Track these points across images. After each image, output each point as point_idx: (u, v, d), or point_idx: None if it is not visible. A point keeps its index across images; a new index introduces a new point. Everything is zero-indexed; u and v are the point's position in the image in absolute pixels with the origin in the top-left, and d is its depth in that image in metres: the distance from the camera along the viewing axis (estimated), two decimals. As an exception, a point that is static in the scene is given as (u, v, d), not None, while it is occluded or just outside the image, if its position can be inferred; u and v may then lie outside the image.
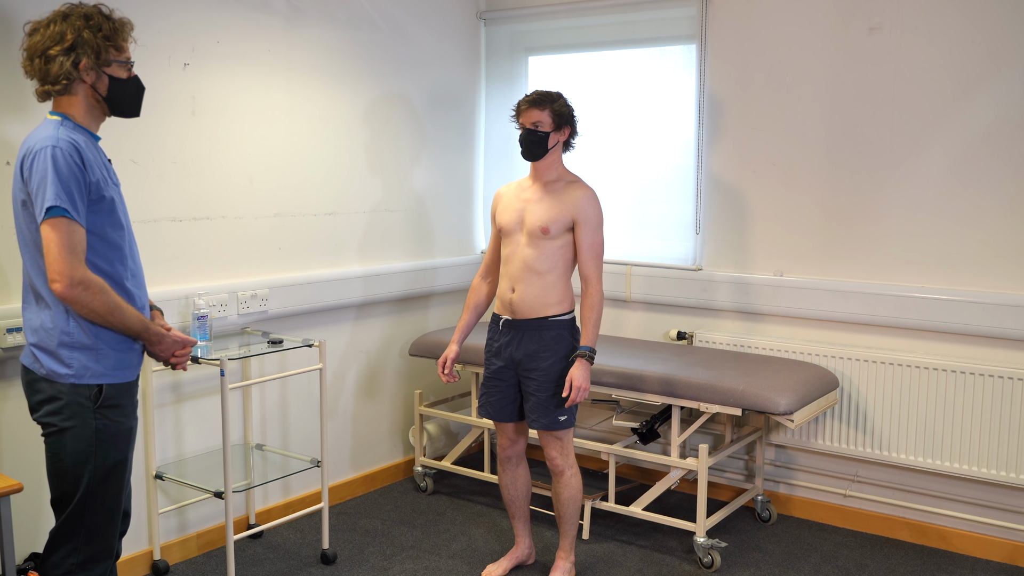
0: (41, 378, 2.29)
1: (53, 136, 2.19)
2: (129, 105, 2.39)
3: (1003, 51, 3.37)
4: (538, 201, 3.15)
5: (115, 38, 2.31)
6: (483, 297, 3.38)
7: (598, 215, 3.13)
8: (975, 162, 3.46)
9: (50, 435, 2.31)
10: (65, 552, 2.31)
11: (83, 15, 2.27)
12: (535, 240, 3.13)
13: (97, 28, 2.27)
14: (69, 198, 2.16)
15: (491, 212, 3.33)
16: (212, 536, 3.60)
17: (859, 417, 3.70)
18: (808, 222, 3.84)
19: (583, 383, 3.03)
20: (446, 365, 3.32)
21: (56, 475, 2.32)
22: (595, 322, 3.09)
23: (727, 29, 3.94)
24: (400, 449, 4.44)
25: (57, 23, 2.26)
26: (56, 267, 2.15)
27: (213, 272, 3.47)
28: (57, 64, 2.23)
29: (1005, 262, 3.44)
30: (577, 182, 3.17)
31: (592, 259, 3.12)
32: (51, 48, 2.23)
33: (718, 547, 3.47)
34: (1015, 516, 3.50)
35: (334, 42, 3.86)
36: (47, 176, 2.15)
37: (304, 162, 3.79)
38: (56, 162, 2.16)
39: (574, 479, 3.23)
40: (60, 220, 2.15)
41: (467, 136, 4.62)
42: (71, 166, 2.17)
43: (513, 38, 4.59)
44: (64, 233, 2.15)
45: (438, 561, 3.52)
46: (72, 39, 2.24)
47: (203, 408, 3.52)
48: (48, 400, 2.29)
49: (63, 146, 2.18)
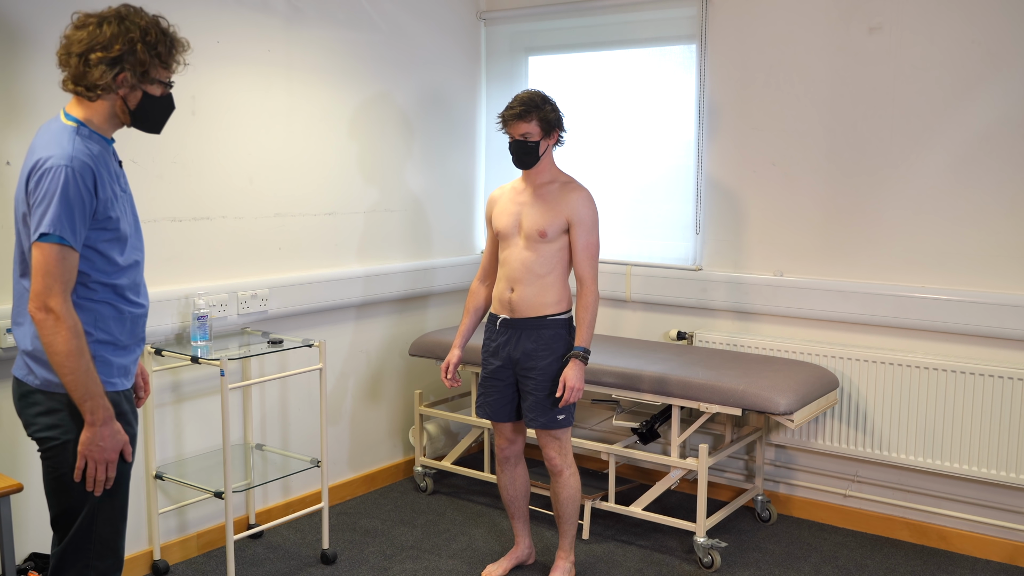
0: (35, 390, 2.17)
1: (68, 152, 2.06)
2: (154, 122, 2.26)
3: (1003, 51, 3.37)
4: (533, 204, 3.15)
5: (167, 57, 2.16)
6: (482, 300, 3.38)
7: (593, 216, 3.13)
8: (975, 162, 3.46)
9: (50, 450, 2.17)
10: (77, 571, 2.20)
11: (141, 27, 2.11)
12: (533, 243, 3.13)
13: (152, 45, 2.12)
14: (70, 225, 2.04)
15: (486, 216, 3.33)
16: (212, 536, 3.60)
17: (859, 417, 3.70)
18: (808, 222, 3.84)
19: (576, 383, 3.05)
20: (449, 370, 3.32)
21: (58, 491, 2.19)
22: (589, 323, 3.09)
23: (727, 29, 3.94)
24: (400, 449, 4.44)
25: (111, 24, 2.09)
26: (34, 288, 2.04)
27: (213, 272, 3.47)
28: (97, 72, 2.08)
29: (1005, 262, 3.44)
30: (571, 183, 3.17)
31: (587, 259, 3.12)
32: (95, 53, 2.08)
33: (718, 547, 3.47)
34: (1015, 516, 3.50)
35: (334, 42, 3.86)
36: (54, 198, 2.02)
37: (304, 162, 3.79)
38: (67, 186, 2.03)
39: (572, 479, 3.23)
40: (53, 247, 2.03)
41: (467, 136, 4.62)
42: (81, 190, 2.05)
43: (513, 38, 4.59)
44: (53, 260, 2.03)
45: (438, 561, 3.52)
46: (120, 51, 2.08)
47: (203, 408, 3.52)
48: (46, 413, 2.17)
49: (77, 166, 2.05)
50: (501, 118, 3.14)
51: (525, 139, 3.10)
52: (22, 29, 2.88)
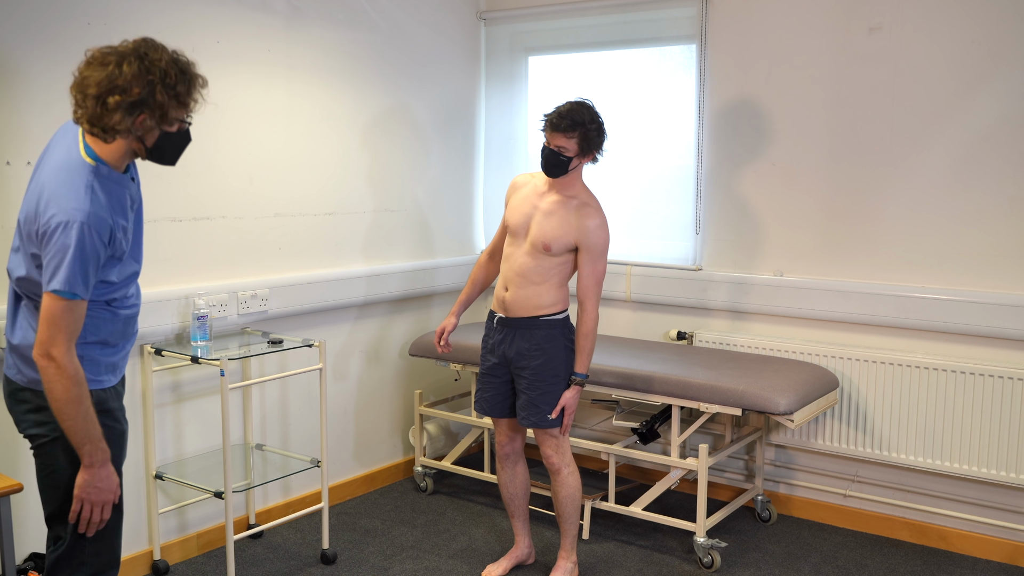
0: (24, 387, 2.18)
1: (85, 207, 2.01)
2: (170, 156, 2.19)
3: (1004, 51, 3.37)
4: (548, 214, 3.10)
5: (186, 97, 2.08)
6: (486, 275, 3.42)
7: (603, 244, 3.08)
8: (975, 162, 3.46)
9: (40, 447, 2.19)
10: (71, 570, 2.21)
11: (162, 68, 2.02)
12: (536, 252, 3.11)
13: (171, 87, 2.04)
14: (83, 280, 2.02)
15: (505, 197, 3.30)
16: (212, 536, 3.60)
17: (859, 417, 3.70)
18: (808, 222, 3.84)
19: (573, 407, 3.15)
20: (444, 335, 3.38)
21: (51, 487, 2.20)
22: (589, 350, 3.12)
23: (727, 29, 3.94)
24: (400, 449, 4.44)
25: (130, 65, 2.00)
26: (40, 335, 2.03)
27: (213, 272, 3.47)
28: (115, 117, 2.01)
29: (1005, 262, 3.44)
30: (590, 205, 3.09)
31: (592, 285, 3.09)
32: (113, 96, 2.00)
33: (718, 547, 3.47)
34: (1015, 516, 3.50)
35: (334, 42, 3.86)
36: (68, 254, 1.99)
37: (304, 162, 3.79)
38: (82, 242, 2.00)
39: (571, 477, 3.23)
40: (63, 300, 2.01)
41: (467, 136, 4.62)
42: (96, 245, 2.03)
43: (513, 38, 4.59)
44: (60, 312, 2.02)
45: (438, 561, 3.52)
46: (139, 95, 2.01)
47: (203, 408, 3.52)
48: (35, 410, 2.18)
49: (93, 223, 2.01)
50: (544, 120, 3.05)
51: (559, 151, 3.02)
52: (23, 29, 2.87)
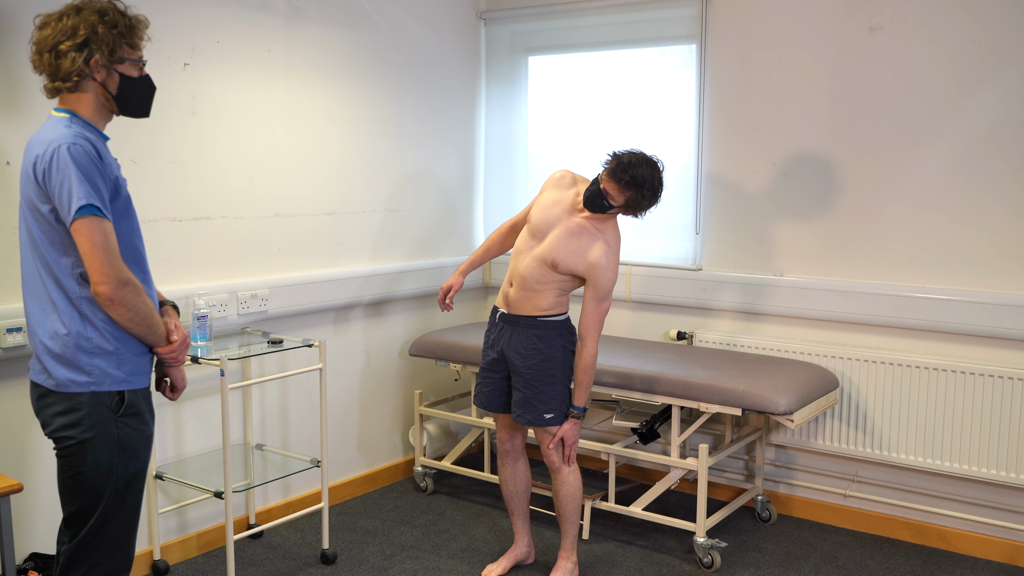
0: (52, 391, 2.18)
1: (64, 134, 2.10)
2: (139, 105, 2.30)
3: (1004, 51, 3.37)
4: (570, 234, 3.07)
5: (130, 35, 2.22)
6: (501, 245, 3.44)
7: (610, 285, 3.06)
8: (975, 162, 3.46)
9: (67, 448, 2.18)
10: (85, 568, 2.21)
11: (97, 10, 2.18)
12: (542, 263, 3.10)
13: (112, 24, 2.18)
14: (97, 194, 2.08)
15: (544, 183, 3.24)
16: (212, 536, 3.60)
17: (859, 417, 3.70)
18: (808, 222, 3.84)
19: (573, 439, 3.17)
20: (450, 293, 3.41)
21: (74, 489, 2.20)
22: (587, 385, 3.12)
23: (727, 29, 3.94)
24: (400, 449, 4.44)
25: (70, 17, 2.16)
26: (101, 269, 2.06)
27: (213, 272, 3.47)
28: (68, 60, 2.14)
29: (1005, 262, 3.44)
30: (610, 247, 3.05)
31: (594, 322, 3.08)
32: (62, 43, 2.14)
33: (718, 547, 3.47)
34: (1015, 516, 3.50)
35: (334, 42, 3.86)
36: (70, 175, 2.06)
37: (304, 162, 3.79)
38: (76, 159, 2.07)
39: (572, 476, 3.23)
40: (91, 219, 2.06)
41: (467, 136, 4.62)
42: (90, 160, 2.09)
43: (513, 38, 4.59)
44: (99, 233, 2.07)
45: (438, 561, 3.52)
46: (85, 34, 2.14)
47: (203, 408, 3.52)
48: (64, 412, 2.17)
49: (79, 142, 2.09)
50: (610, 158, 3.00)
51: (606, 196, 2.99)
52: (21, 30, 2.87)
